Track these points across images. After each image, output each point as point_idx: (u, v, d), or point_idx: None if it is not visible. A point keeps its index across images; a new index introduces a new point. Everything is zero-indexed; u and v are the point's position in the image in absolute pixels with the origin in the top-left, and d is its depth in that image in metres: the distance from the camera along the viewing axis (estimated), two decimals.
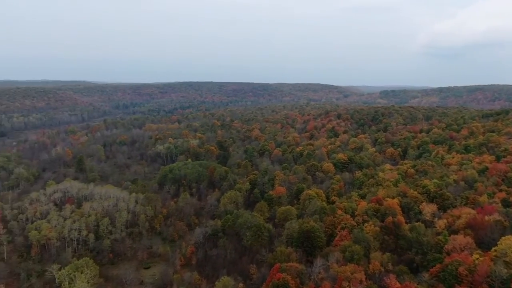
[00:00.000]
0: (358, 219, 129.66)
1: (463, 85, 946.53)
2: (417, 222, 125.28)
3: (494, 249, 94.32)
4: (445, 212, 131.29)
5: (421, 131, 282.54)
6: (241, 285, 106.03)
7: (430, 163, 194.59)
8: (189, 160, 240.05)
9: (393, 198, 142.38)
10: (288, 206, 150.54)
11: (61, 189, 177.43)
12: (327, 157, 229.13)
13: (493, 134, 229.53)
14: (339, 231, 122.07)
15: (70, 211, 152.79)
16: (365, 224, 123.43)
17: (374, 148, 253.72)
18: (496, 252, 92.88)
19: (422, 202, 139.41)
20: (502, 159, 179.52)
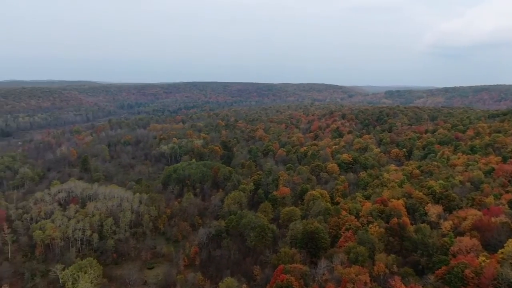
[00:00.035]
0: (363, 220, 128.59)
1: (469, 85, 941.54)
2: (423, 224, 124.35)
3: (501, 251, 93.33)
4: (451, 214, 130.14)
5: (427, 132, 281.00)
6: (245, 286, 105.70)
7: (436, 164, 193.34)
8: (193, 160, 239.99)
9: (398, 199, 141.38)
10: (292, 207, 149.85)
11: (66, 189, 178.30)
12: (332, 158, 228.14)
13: (499, 135, 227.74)
14: (344, 232, 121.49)
15: (74, 211, 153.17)
16: (370, 225, 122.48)
17: (379, 149, 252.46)
18: (503, 254, 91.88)
19: (428, 203, 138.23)
20: (509, 160, 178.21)
